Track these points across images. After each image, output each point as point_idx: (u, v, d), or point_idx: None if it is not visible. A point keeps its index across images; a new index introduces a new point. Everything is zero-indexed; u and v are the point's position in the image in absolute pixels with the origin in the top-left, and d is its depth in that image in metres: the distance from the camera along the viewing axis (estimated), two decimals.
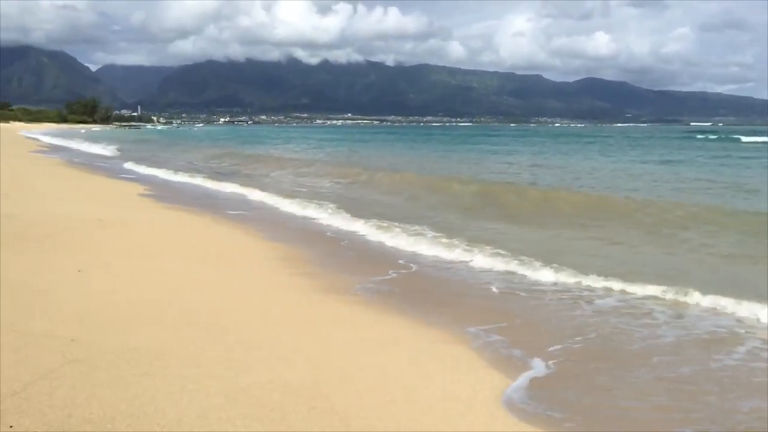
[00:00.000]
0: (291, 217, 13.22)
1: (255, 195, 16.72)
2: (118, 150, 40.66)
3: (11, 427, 3.37)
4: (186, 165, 29.09)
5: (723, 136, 74.22)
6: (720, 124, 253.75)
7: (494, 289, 7.40)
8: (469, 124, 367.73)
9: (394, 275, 8.03)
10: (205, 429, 3.52)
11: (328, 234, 11.10)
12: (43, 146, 44.11)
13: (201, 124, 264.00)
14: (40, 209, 11.47)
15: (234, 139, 72.96)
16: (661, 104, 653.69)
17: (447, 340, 5.46)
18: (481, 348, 5.29)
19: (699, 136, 71.92)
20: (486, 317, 6.18)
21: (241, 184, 19.08)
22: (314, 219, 12.87)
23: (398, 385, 4.33)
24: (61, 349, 4.51)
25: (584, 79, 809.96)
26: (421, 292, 7.25)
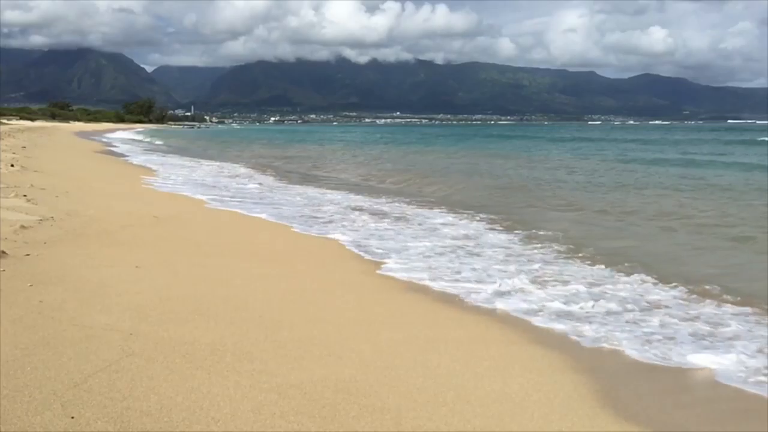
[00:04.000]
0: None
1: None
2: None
3: (73, 417, 3.47)
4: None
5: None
6: None
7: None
8: (512, 122, 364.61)
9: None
10: (259, 424, 3.57)
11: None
12: (108, 146, 45.45)
13: (222, 125, 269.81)
14: (100, 206, 11.82)
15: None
16: (720, 101, 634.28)
17: (500, 340, 5.40)
18: (535, 348, 5.21)
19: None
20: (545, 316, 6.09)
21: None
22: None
23: (450, 385, 4.30)
24: (120, 342, 4.63)
25: (640, 75, 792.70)
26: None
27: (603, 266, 8.16)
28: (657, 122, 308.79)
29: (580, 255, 8.90)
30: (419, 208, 14.02)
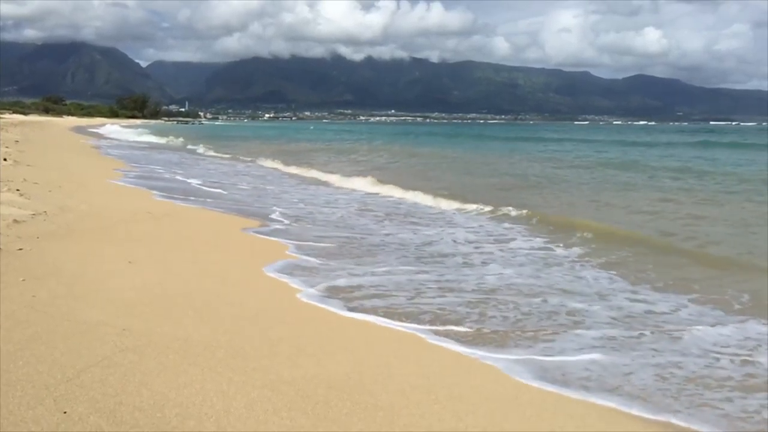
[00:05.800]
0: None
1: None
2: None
3: (65, 412, 3.47)
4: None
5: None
6: None
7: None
8: (504, 122, 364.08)
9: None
10: (252, 420, 3.57)
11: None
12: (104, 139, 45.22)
13: (216, 121, 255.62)
14: (93, 201, 11.77)
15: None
16: (713, 102, 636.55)
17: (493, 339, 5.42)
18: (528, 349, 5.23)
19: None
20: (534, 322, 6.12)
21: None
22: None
23: (442, 384, 4.31)
24: (113, 338, 4.63)
25: (634, 76, 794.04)
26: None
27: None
28: (642, 123, 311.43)
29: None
30: None
